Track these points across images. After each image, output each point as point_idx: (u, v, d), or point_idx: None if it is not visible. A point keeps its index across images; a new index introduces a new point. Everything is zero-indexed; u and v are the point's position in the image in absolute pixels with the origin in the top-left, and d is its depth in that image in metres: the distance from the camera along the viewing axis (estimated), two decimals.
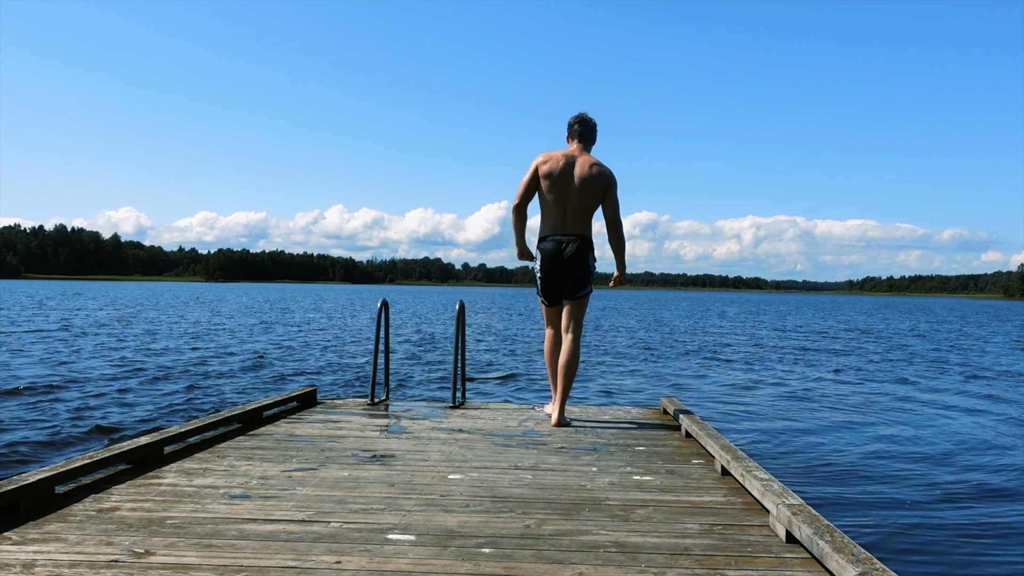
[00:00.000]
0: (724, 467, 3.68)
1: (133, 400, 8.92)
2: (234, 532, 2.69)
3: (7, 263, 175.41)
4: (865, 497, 5.54)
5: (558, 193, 4.50)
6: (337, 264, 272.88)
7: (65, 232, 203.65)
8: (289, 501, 3.10)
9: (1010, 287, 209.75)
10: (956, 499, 5.57)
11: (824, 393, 11.38)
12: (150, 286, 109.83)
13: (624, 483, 3.51)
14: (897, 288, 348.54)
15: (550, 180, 4.50)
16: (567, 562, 2.45)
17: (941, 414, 9.62)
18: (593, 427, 4.98)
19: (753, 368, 14.98)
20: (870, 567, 2.18)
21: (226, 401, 9.09)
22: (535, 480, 3.53)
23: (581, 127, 4.66)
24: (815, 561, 2.47)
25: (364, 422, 5.02)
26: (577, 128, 4.66)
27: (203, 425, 4.36)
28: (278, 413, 5.25)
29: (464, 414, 5.44)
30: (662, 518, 2.96)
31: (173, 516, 2.87)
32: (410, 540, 2.64)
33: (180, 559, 2.42)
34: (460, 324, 5.74)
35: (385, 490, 3.30)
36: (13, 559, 2.40)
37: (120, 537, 2.62)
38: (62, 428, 7.09)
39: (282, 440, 4.35)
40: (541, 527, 2.81)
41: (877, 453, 7.07)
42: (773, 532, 2.80)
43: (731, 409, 9.59)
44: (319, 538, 2.65)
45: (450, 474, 3.61)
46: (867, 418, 9.16)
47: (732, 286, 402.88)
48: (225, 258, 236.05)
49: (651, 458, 4.08)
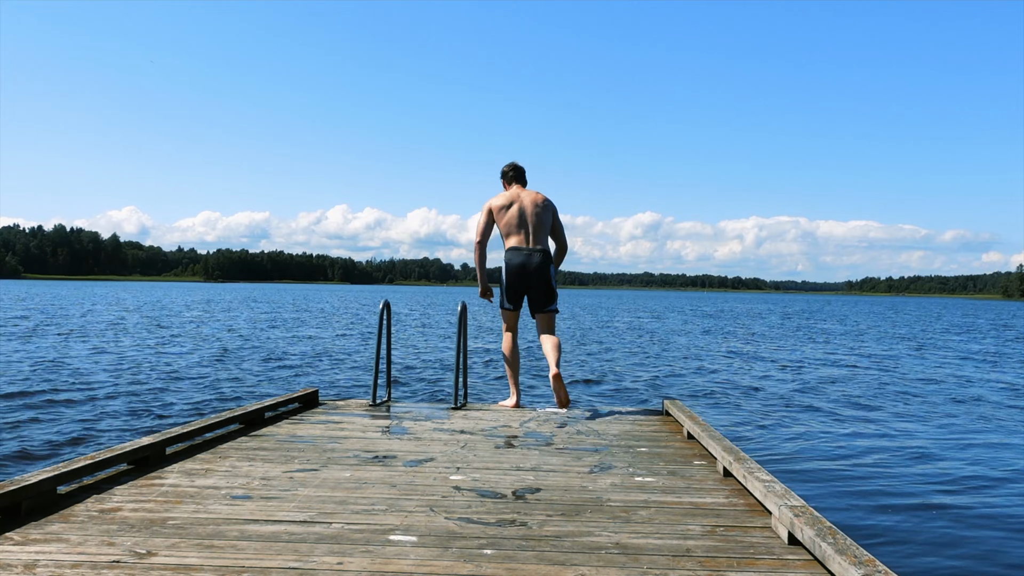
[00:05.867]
0: (726, 468, 3.67)
1: (126, 404, 8.91)
2: (236, 533, 2.69)
3: (6, 263, 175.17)
4: (868, 499, 5.54)
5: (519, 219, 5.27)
6: (336, 264, 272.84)
7: (64, 232, 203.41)
8: (291, 502, 3.10)
9: (1009, 288, 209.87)
10: (961, 501, 5.57)
11: (827, 394, 11.38)
12: (151, 286, 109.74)
13: (626, 484, 3.51)
14: (896, 289, 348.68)
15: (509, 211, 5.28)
16: (569, 563, 2.45)
17: (949, 413, 9.62)
18: (595, 428, 4.98)
19: (756, 369, 14.98)
20: (873, 569, 2.17)
21: (235, 398, 9.09)
22: (537, 481, 3.53)
23: (514, 172, 5.51)
24: (817, 563, 2.46)
25: (366, 423, 5.02)
26: (512, 174, 5.51)
27: (205, 426, 4.36)
28: (280, 414, 5.25)
29: (466, 415, 5.44)
30: (664, 519, 2.95)
31: (175, 517, 2.87)
32: (412, 541, 2.64)
33: (182, 560, 2.42)
34: (462, 325, 5.74)
35: (387, 491, 3.30)
36: (15, 559, 2.40)
37: (122, 538, 2.62)
38: (63, 429, 7.08)
39: (284, 441, 4.35)
40: (543, 528, 2.81)
41: (881, 454, 7.07)
42: (775, 534, 2.79)
43: (733, 410, 9.59)
44: (321, 539, 2.64)
45: (452, 475, 3.61)
46: (872, 420, 9.16)
47: (731, 287, 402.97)
48: (224, 258, 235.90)
49: (653, 459, 4.08)
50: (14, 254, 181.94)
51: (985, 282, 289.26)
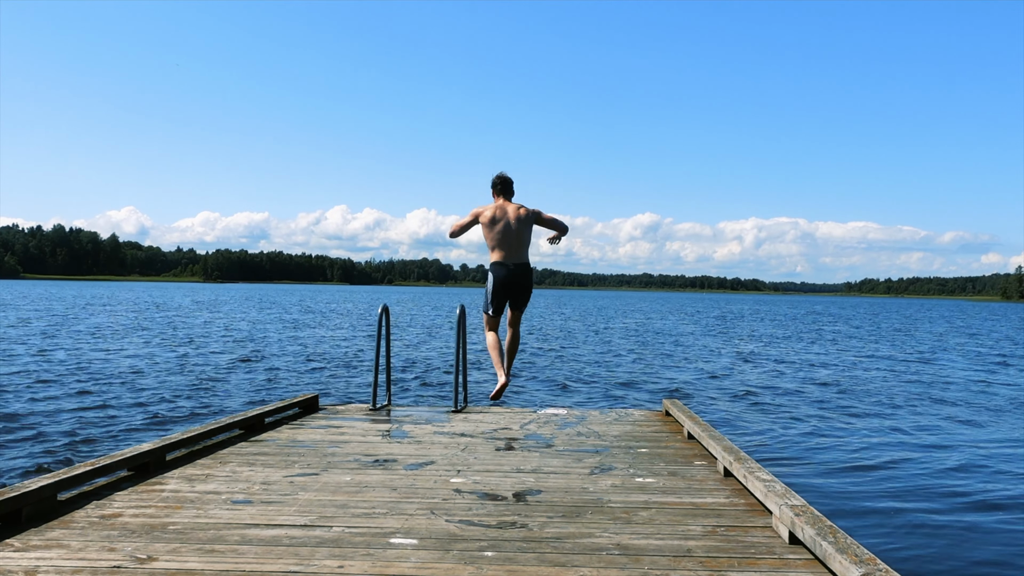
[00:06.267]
0: (727, 468, 3.67)
1: (128, 408, 8.91)
2: (236, 537, 2.69)
3: (5, 263, 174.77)
4: (869, 498, 5.54)
5: (502, 233, 5.55)
6: (335, 265, 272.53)
7: (63, 232, 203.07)
8: (291, 506, 3.09)
9: (1008, 289, 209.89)
10: (961, 500, 5.57)
11: (826, 395, 11.39)
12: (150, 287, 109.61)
13: (626, 485, 3.51)
14: (895, 290, 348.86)
15: (494, 224, 5.55)
16: (570, 565, 2.45)
17: (949, 414, 9.62)
18: (595, 429, 4.98)
19: (754, 370, 14.98)
20: (874, 568, 2.17)
21: (236, 403, 9.08)
22: (537, 483, 3.53)
23: (502, 186, 5.71)
24: (818, 562, 2.47)
25: (366, 427, 5.01)
26: (499, 187, 5.72)
27: (205, 431, 4.35)
28: (280, 419, 5.25)
29: (466, 418, 5.43)
30: (665, 520, 2.96)
31: (175, 522, 2.86)
32: (412, 544, 2.64)
33: (182, 565, 2.42)
34: (461, 328, 5.74)
35: (387, 494, 3.29)
36: (16, 566, 2.39)
37: (122, 543, 2.62)
38: (62, 435, 7.07)
39: (284, 446, 4.35)
40: (543, 530, 2.81)
41: (881, 454, 7.07)
42: (776, 533, 2.80)
43: (733, 410, 9.59)
44: (322, 543, 2.64)
45: (452, 478, 3.61)
46: (871, 419, 9.17)
47: (730, 288, 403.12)
48: (223, 259, 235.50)
49: (653, 460, 4.08)
50: (13, 254, 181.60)
51: (984, 283, 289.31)
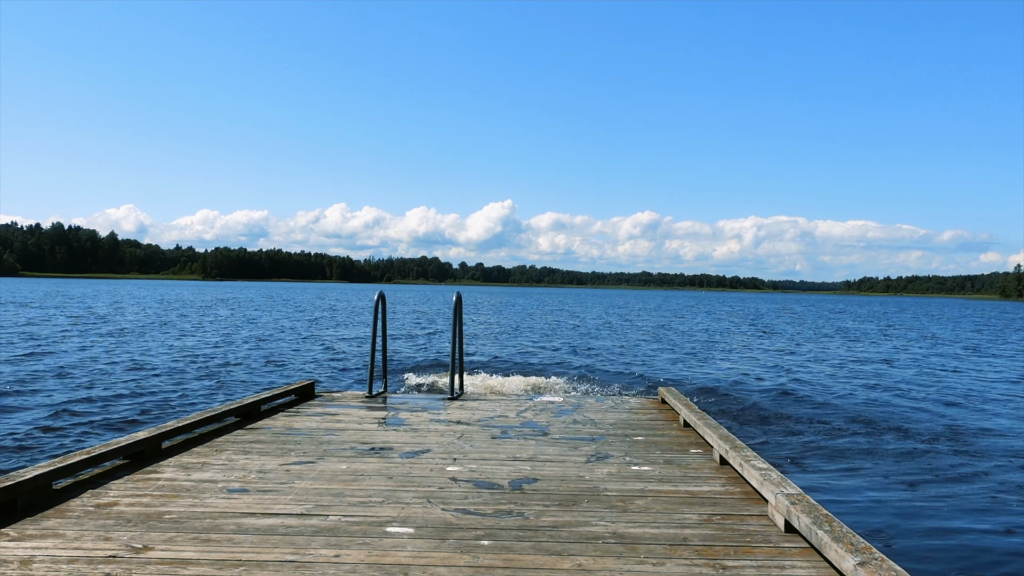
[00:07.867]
0: (722, 457, 3.67)
1: (121, 397, 8.90)
2: (232, 526, 2.68)
3: (3, 261, 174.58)
4: (865, 487, 5.54)
5: None
6: (334, 263, 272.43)
7: (62, 230, 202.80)
8: (287, 495, 3.09)
9: (1007, 288, 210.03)
10: (957, 488, 5.57)
11: (822, 382, 11.39)
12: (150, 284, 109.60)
13: (623, 473, 3.50)
14: (894, 288, 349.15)
15: None
16: (566, 554, 2.45)
17: (947, 402, 9.63)
18: (591, 417, 4.98)
19: (748, 358, 14.99)
20: (869, 556, 2.17)
21: (231, 391, 9.08)
22: (533, 471, 3.52)
23: None
24: (814, 551, 2.46)
25: (362, 415, 5.01)
26: None
27: (200, 419, 4.33)
28: (276, 407, 5.24)
29: (462, 405, 5.43)
30: (661, 508, 2.95)
31: (171, 511, 2.85)
32: (409, 533, 2.64)
33: (178, 554, 2.41)
34: (457, 316, 5.74)
35: (384, 483, 3.29)
36: (11, 555, 2.38)
37: (118, 532, 2.61)
38: (56, 423, 7.07)
39: (280, 434, 4.34)
40: (540, 519, 2.80)
41: (877, 443, 7.08)
42: (772, 522, 2.79)
43: (729, 398, 9.60)
44: (318, 531, 2.64)
45: (448, 466, 3.61)
46: (868, 407, 9.17)
47: (729, 286, 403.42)
48: (222, 257, 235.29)
49: (649, 448, 4.07)
50: (12, 252, 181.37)
51: (983, 282, 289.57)
